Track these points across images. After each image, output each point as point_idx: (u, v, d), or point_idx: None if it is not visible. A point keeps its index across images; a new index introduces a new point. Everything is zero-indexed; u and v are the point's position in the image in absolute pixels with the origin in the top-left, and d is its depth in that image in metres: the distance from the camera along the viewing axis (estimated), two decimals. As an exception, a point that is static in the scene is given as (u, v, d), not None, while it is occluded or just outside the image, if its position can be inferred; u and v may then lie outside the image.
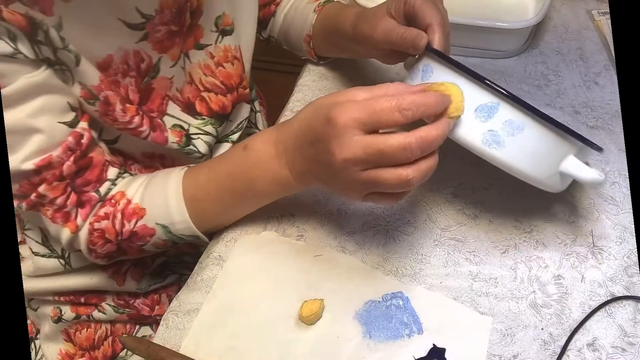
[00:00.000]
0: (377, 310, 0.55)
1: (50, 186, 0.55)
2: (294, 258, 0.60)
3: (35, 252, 0.68)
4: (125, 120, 0.58)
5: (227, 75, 0.67)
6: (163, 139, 0.62)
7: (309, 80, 0.79)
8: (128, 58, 0.57)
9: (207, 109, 0.67)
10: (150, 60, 0.59)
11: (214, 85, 0.66)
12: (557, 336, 0.53)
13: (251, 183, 0.56)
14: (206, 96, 0.66)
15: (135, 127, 0.59)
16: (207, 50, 0.65)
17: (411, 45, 0.57)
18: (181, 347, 0.54)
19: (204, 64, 0.65)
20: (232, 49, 0.67)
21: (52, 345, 0.73)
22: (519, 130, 0.51)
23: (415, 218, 0.63)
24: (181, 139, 0.64)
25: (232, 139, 0.72)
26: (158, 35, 0.59)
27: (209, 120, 0.67)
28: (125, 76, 0.58)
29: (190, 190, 0.58)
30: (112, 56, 0.56)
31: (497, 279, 0.57)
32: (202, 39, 0.64)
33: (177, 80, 0.64)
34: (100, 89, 0.55)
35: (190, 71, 0.65)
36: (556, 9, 0.88)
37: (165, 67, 0.61)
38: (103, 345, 0.73)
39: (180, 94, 0.65)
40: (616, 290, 0.56)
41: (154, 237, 0.59)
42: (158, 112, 0.63)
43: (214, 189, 0.58)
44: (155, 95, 0.62)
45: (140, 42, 0.58)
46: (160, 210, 0.58)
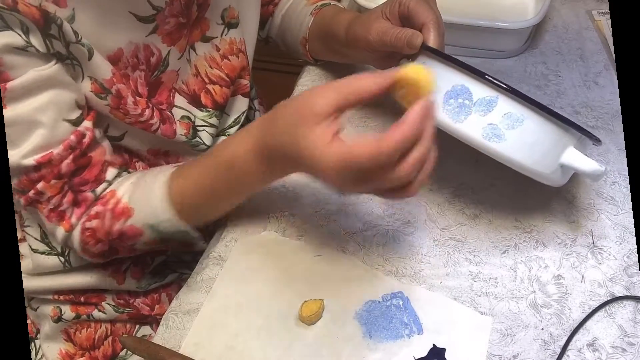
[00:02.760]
0: (377, 310, 0.55)
1: (49, 184, 0.55)
2: (294, 258, 0.60)
3: (35, 249, 0.68)
4: (136, 112, 0.58)
5: (232, 67, 0.67)
6: (172, 132, 0.62)
7: (308, 80, 0.79)
8: (138, 52, 0.58)
9: (212, 101, 0.67)
10: (159, 54, 0.60)
11: (218, 77, 0.66)
12: (557, 336, 0.53)
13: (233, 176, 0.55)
14: (211, 89, 0.66)
15: (146, 119, 0.59)
16: (212, 42, 0.65)
17: (406, 44, 0.57)
18: (181, 347, 0.54)
19: (210, 56, 0.66)
20: (238, 41, 0.67)
21: (52, 345, 0.73)
22: (518, 122, 0.51)
23: (415, 218, 0.63)
24: (189, 131, 0.65)
25: (229, 132, 0.72)
26: (167, 27, 0.59)
27: (213, 113, 0.67)
28: (135, 70, 0.58)
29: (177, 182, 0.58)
30: (122, 50, 0.56)
31: (497, 279, 0.57)
32: (208, 32, 0.64)
33: (183, 73, 0.64)
34: (112, 82, 0.55)
35: (196, 63, 0.65)
36: (556, 9, 0.88)
37: (174, 59, 0.62)
38: (103, 345, 0.73)
39: (186, 86, 0.65)
40: (616, 290, 0.56)
41: (143, 236, 0.59)
42: (167, 104, 0.63)
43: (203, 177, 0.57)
44: (164, 88, 0.63)
45: (150, 35, 0.58)
46: (148, 210, 0.58)
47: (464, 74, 0.52)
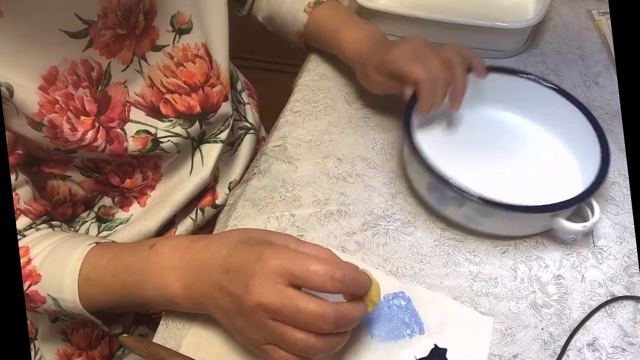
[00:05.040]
0: (379, 310, 0.55)
1: None
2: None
3: None
4: (76, 138, 0.56)
5: (190, 74, 0.65)
6: (121, 149, 0.60)
7: (309, 80, 0.79)
8: (76, 68, 0.55)
9: (173, 110, 0.65)
10: (100, 68, 0.57)
11: (176, 86, 0.65)
12: (557, 336, 0.53)
13: (141, 284, 0.53)
14: (170, 98, 0.64)
15: (89, 142, 0.57)
16: (164, 51, 0.63)
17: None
18: (181, 347, 0.54)
19: (164, 65, 0.63)
20: (193, 47, 0.65)
21: (50, 345, 0.72)
22: (488, 214, 0.56)
23: (415, 218, 0.63)
24: (145, 146, 0.62)
25: (220, 138, 0.70)
26: (103, 39, 0.56)
27: (176, 122, 0.65)
28: (78, 87, 0.56)
29: (86, 269, 0.54)
30: (56, 68, 0.54)
31: (497, 279, 0.57)
32: (158, 40, 0.62)
33: (133, 85, 0.62)
34: (41, 114, 0.53)
35: (149, 74, 0.63)
36: (556, 9, 0.88)
37: (116, 71, 0.59)
38: (100, 345, 0.73)
39: (142, 98, 0.63)
40: (616, 290, 0.56)
41: (44, 305, 0.56)
42: (119, 120, 0.60)
43: (107, 277, 0.54)
44: (115, 103, 0.60)
45: (87, 50, 0.56)
46: (54, 282, 0.55)
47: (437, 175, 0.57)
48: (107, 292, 0.54)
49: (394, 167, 0.68)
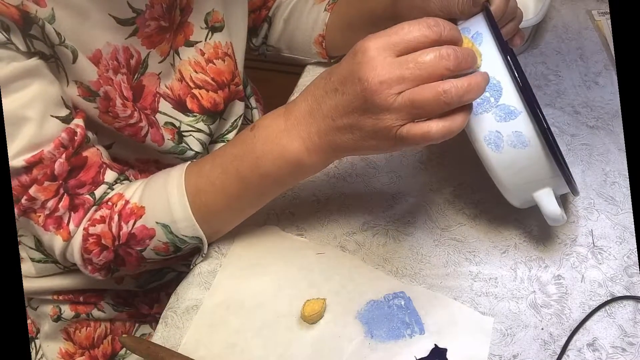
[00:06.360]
0: (379, 310, 0.55)
1: (42, 187, 0.52)
2: (296, 256, 0.60)
3: (31, 257, 0.67)
4: (126, 114, 0.57)
5: (218, 71, 0.67)
6: (159, 136, 0.61)
7: (309, 80, 0.79)
8: (117, 54, 0.56)
9: (199, 106, 0.66)
10: (139, 56, 0.59)
11: (204, 82, 0.66)
12: (557, 336, 0.53)
13: (258, 164, 0.51)
14: (197, 93, 0.66)
15: (135, 122, 0.58)
16: (197, 47, 0.65)
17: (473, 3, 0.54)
18: (181, 345, 0.54)
19: (194, 60, 0.65)
20: (223, 45, 0.67)
21: (52, 344, 0.73)
22: (522, 145, 0.51)
23: (415, 218, 0.63)
24: (174, 137, 0.64)
25: (227, 138, 0.71)
26: (147, 30, 0.58)
27: (200, 117, 0.66)
28: (117, 73, 0.57)
29: (193, 181, 0.55)
30: (100, 51, 0.54)
31: (497, 279, 0.57)
32: (192, 36, 0.64)
33: (165, 77, 0.63)
34: (99, 84, 0.54)
35: (180, 68, 0.64)
36: (556, 9, 0.88)
37: (154, 62, 0.61)
38: (102, 344, 0.73)
39: (171, 91, 0.64)
40: (616, 290, 0.56)
41: (153, 239, 0.56)
42: (151, 110, 0.62)
43: (218, 176, 0.54)
44: (147, 92, 0.61)
45: (130, 37, 0.57)
46: (161, 207, 0.55)
47: (506, 73, 0.50)
48: (222, 193, 0.54)
49: (394, 167, 0.68)
